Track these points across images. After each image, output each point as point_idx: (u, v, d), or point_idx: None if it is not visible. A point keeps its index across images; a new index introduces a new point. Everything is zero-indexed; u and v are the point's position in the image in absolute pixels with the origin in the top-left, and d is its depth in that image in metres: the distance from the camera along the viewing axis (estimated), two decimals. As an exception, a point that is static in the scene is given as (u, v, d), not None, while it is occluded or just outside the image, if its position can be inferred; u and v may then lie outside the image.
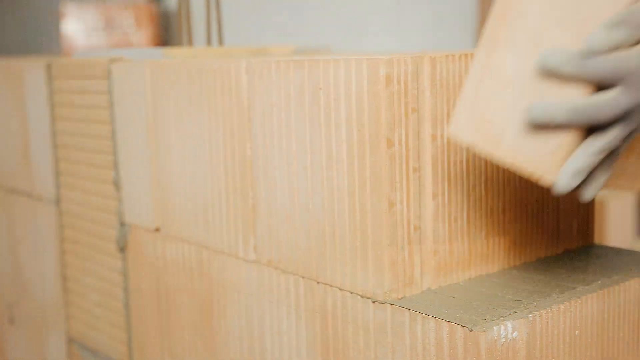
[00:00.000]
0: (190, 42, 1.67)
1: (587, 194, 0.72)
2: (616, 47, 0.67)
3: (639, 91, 0.66)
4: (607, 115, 0.67)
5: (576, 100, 0.68)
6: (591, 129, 0.70)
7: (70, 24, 4.05)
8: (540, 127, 0.69)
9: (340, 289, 0.86)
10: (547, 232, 0.96)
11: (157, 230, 1.16)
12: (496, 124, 0.71)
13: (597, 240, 1.05)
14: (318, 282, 0.89)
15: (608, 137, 0.68)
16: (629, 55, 0.67)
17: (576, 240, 1.01)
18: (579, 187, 0.73)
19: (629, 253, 0.98)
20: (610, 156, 0.71)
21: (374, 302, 0.83)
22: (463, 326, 0.74)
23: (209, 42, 1.68)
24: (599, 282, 0.86)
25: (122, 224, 1.23)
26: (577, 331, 0.81)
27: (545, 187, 0.91)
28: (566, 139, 0.69)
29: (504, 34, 0.72)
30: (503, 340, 0.74)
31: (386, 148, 0.80)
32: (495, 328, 0.73)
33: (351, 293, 0.85)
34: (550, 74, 0.68)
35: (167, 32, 4.33)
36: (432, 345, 0.77)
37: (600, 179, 0.72)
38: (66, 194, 1.37)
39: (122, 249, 1.23)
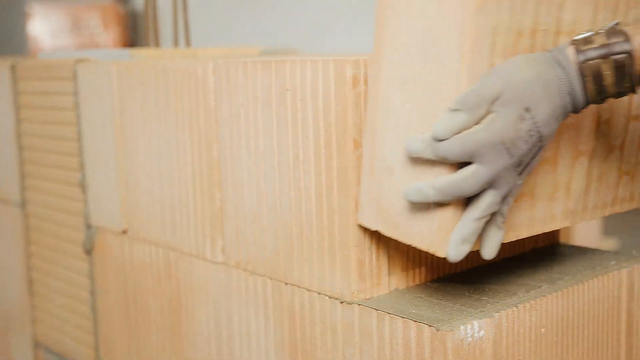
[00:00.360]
0: (157, 43, 1.66)
1: (486, 254, 0.75)
2: (461, 129, 0.70)
3: (493, 163, 0.70)
4: (471, 188, 0.71)
5: (442, 179, 0.71)
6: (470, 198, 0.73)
7: (36, 25, 4.01)
8: (420, 206, 0.74)
9: (308, 290, 0.86)
10: (513, 231, 0.97)
11: (124, 232, 1.15)
12: (390, 209, 0.76)
13: (563, 239, 1.06)
14: (286, 283, 0.89)
15: (482, 205, 0.72)
16: (473, 134, 0.70)
17: (542, 239, 1.02)
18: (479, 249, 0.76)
19: (594, 252, 0.99)
20: (495, 216, 0.74)
21: (341, 302, 0.83)
22: (430, 326, 0.74)
23: (176, 43, 1.67)
24: (564, 280, 0.87)
25: (89, 227, 1.22)
26: (542, 329, 0.82)
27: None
28: (448, 212, 0.73)
29: (380, 123, 0.77)
30: (470, 339, 0.75)
31: (353, 149, 0.80)
32: (462, 327, 0.74)
33: (319, 294, 0.85)
34: (417, 158, 0.73)
35: (134, 33, 4.30)
36: (399, 345, 0.77)
37: (495, 237, 0.75)
38: (32, 196, 1.36)
39: (89, 251, 1.22)
